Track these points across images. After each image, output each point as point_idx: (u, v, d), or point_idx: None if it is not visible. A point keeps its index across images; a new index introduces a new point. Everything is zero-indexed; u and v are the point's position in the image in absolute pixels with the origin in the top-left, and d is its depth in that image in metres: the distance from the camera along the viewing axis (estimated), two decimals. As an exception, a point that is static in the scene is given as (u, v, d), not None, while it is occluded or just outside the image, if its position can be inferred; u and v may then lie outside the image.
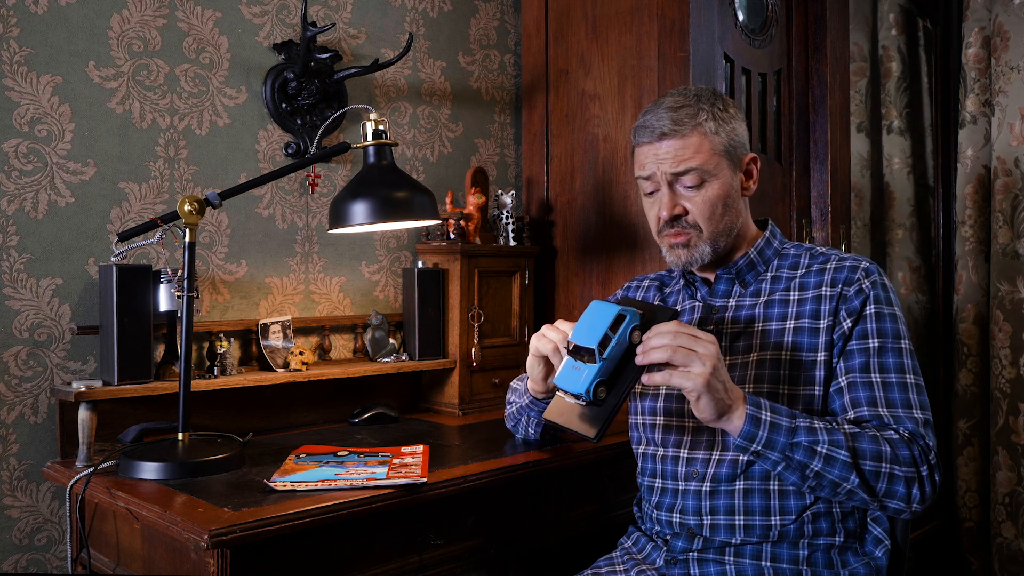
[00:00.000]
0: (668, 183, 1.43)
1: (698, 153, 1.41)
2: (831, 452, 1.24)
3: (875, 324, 1.36)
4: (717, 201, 1.42)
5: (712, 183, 1.42)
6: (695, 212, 1.43)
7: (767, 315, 1.44)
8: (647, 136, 1.44)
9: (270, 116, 2.06)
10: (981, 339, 3.05)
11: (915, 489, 1.26)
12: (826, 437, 1.25)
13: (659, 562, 1.45)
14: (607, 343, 1.29)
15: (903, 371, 1.34)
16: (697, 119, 1.41)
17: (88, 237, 1.79)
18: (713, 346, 1.24)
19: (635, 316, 1.31)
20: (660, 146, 1.42)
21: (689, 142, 1.41)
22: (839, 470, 1.24)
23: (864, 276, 1.39)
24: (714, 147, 1.41)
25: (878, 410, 1.32)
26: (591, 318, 1.32)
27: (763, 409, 1.26)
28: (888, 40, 3.03)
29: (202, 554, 1.28)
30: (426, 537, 1.52)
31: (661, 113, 1.42)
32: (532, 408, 1.66)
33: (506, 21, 2.56)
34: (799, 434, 1.25)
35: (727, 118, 1.44)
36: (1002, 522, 2.91)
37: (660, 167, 1.42)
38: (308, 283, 2.12)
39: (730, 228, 1.46)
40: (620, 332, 1.29)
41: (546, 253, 2.43)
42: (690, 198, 1.43)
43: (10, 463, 1.70)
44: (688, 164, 1.40)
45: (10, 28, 1.70)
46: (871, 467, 1.24)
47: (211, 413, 1.89)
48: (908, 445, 1.27)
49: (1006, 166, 2.91)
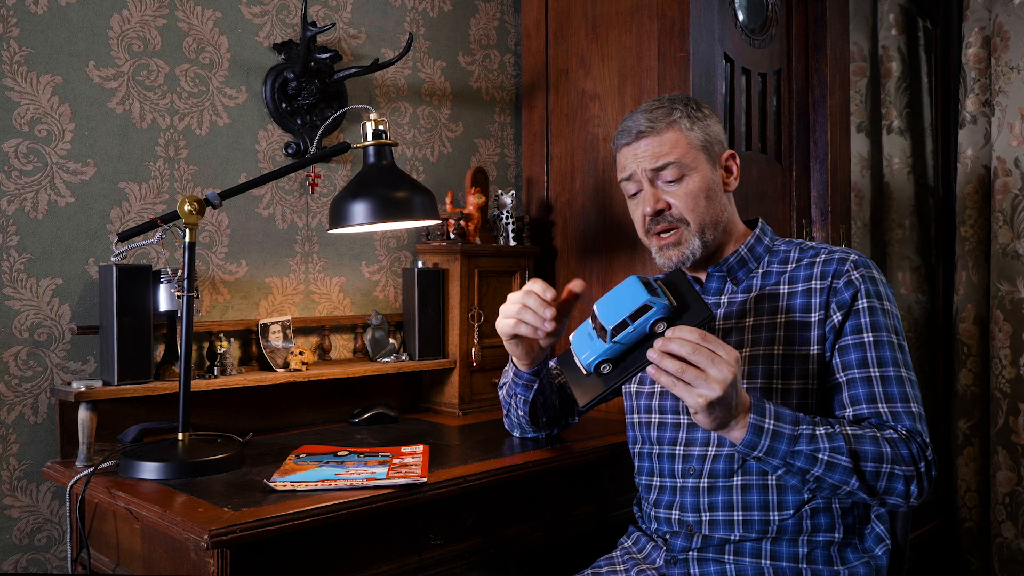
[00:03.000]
0: (649, 180, 1.46)
1: (675, 148, 1.44)
2: (832, 459, 1.24)
3: (868, 318, 1.36)
4: (699, 193, 1.45)
5: (692, 176, 1.45)
6: (678, 205, 1.45)
7: (758, 310, 1.44)
8: (625, 138, 1.48)
9: (270, 116, 2.06)
10: (981, 339, 3.05)
11: (913, 486, 1.27)
12: (827, 444, 1.24)
13: (659, 562, 1.45)
14: (621, 330, 1.28)
15: (898, 365, 1.35)
16: (671, 117, 1.46)
17: (88, 237, 1.79)
18: (729, 369, 1.16)
19: (662, 309, 1.27)
20: (638, 145, 1.46)
21: (665, 138, 1.45)
22: (840, 475, 1.25)
23: (853, 268, 1.40)
24: (690, 142, 1.45)
25: (877, 407, 1.32)
26: (620, 295, 1.31)
27: (767, 417, 1.24)
28: (888, 40, 3.03)
29: (202, 554, 1.28)
30: (426, 537, 1.52)
31: (637, 116, 1.48)
32: (516, 383, 1.64)
33: (506, 21, 2.56)
34: (800, 442, 1.24)
35: (701, 116, 1.48)
36: (1002, 522, 2.92)
37: (640, 165, 1.46)
38: (308, 283, 2.13)
39: (716, 221, 1.47)
40: (639, 322, 1.28)
41: (546, 253, 2.43)
42: (672, 192, 1.45)
43: (10, 463, 1.70)
44: (666, 159, 1.44)
45: (10, 28, 1.70)
46: (872, 468, 1.25)
47: (211, 413, 1.89)
48: (907, 443, 1.28)
49: (1006, 166, 2.91)
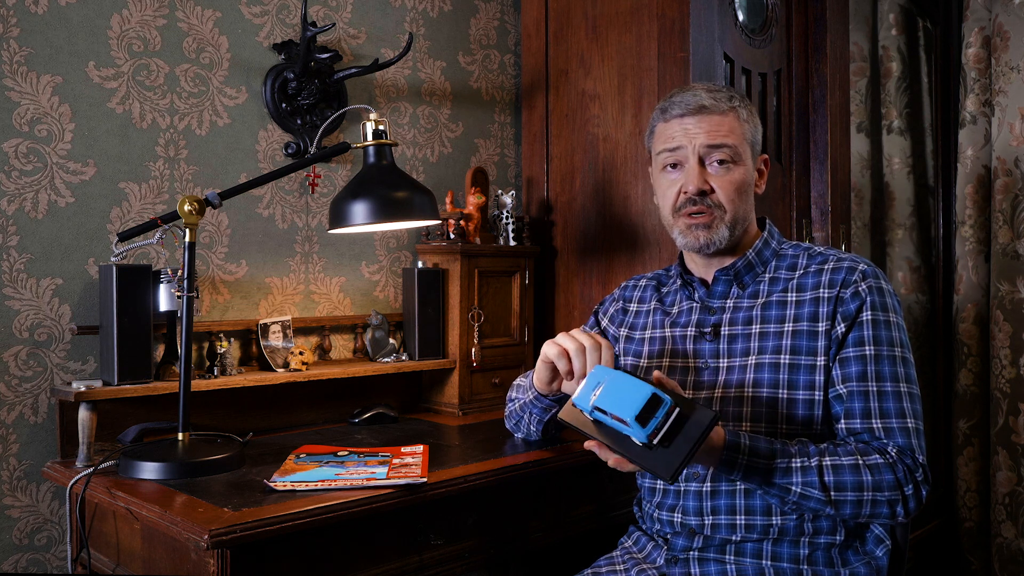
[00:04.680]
0: (699, 156, 1.43)
1: (732, 133, 1.43)
2: (805, 491, 1.27)
3: (871, 331, 1.36)
4: (741, 186, 1.44)
5: (739, 166, 1.44)
6: (720, 192, 1.43)
7: (765, 317, 1.43)
8: (680, 109, 1.44)
9: (270, 116, 2.06)
10: (981, 339, 3.05)
11: (899, 508, 1.29)
12: (800, 479, 1.27)
13: (660, 561, 1.45)
14: (601, 413, 1.21)
15: (898, 380, 1.35)
16: (732, 103, 1.45)
17: (88, 237, 1.79)
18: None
19: (638, 436, 1.19)
20: (695, 119, 1.43)
21: (726, 120, 1.43)
22: (814, 504, 1.28)
23: (861, 279, 1.39)
24: (744, 134, 1.45)
25: (871, 422, 1.33)
26: (626, 390, 1.20)
27: (741, 453, 1.27)
28: (888, 40, 3.03)
29: (202, 554, 1.28)
30: (426, 537, 1.52)
31: (697, 91, 1.45)
32: (535, 404, 1.65)
33: (506, 21, 2.56)
34: (775, 475, 1.27)
35: (753, 113, 1.49)
36: (1002, 522, 2.91)
37: (694, 140, 1.43)
38: (308, 283, 2.12)
39: (745, 217, 1.47)
40: (616, 424, 1.20)
41: (546, 253, 2.43)
42: (718, 176, 1.43)
43: (10, 463, 1.70)
44: (724, 139, 1.42)
45: (10, 28, 1.70)
46: (852, 497, 1.27)
47: (211, 413, 1.89)
48: (892, 468, 1.28)
49: (1006, 166, 2.91)
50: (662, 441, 1.17)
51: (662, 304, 1.58)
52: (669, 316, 1.55)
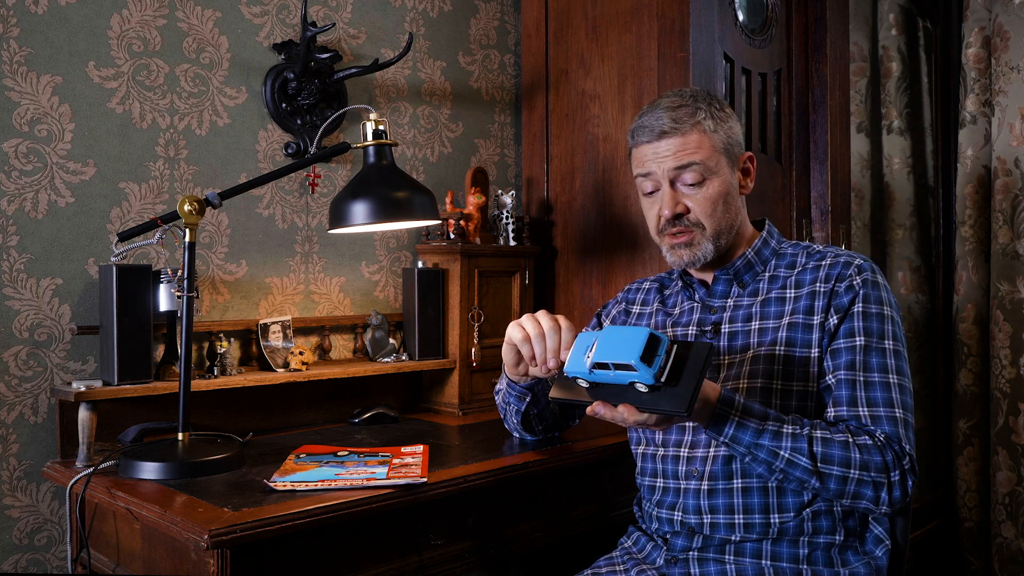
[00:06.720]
0: (669, 180, 1.44)
1: (699, 150, 1.42)
2: (793, 457, 1.27)
3: (862, 323, 1.37)
4: (718, 199, 1.43)
5: (712, 180, 1.43)
6: (697, 210, 1.44)
7: (764, 314, 1.44)
8: (646, 136, 1.45)
9: (270, 116, 2.06)
10: (981, 339, 3.05)
11: (883, 493, 1.28)
12: (790, 444, 1.27)
13: (659, 561, 1.45)
14: (601, 368, 1.20)
15: (887, 371, 1.35)
16: (696, 117, 1.43)
17: (88, 237, 1.79)
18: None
19: (644, 378, 1.18)
20: (660, 144, 1.43)
21: (689, 139, 1.42)
22: (800, 473, 1.27)
23: (856, 273, 1.40)
24: (713, 144, 1.43)
25: (857, 410, 1.33)
26: (624, 340, 1.19)
27: (735, 410, 1.27)
28: (888, 40, 3.03)
29: (202, 554, 1.28)
30: (426, 537, 1.52)
31: (659, 113, 1.44)
32: (510, 392, 1.65)
33: (506, 21, 2.56)
34: (764, 436, 1.27)
35: (724, 117, 1.46)
36: (1002, 522, 2.91)
37: (661, 165, 1.44)
38: (308, 283, 2.12)
39: (731, 226, 1.47)
40: (619, 374, 1.19)
41: (546, 253, 2.43)
42: (691, 196, 1.44)
43: (10, 463, 1.70)
44: (689, 158, 1.42)
45: (10, 28, 1.70)
46: (838, 472, 1.27)
47: (211, 413, 1.89)
48: (881, 451, 1.29)
49: (1006, 166, 2.91)
50: (668, 379, 1.18)
51: (664, 306, 1.59)
52: (671, 316, 1.56)
